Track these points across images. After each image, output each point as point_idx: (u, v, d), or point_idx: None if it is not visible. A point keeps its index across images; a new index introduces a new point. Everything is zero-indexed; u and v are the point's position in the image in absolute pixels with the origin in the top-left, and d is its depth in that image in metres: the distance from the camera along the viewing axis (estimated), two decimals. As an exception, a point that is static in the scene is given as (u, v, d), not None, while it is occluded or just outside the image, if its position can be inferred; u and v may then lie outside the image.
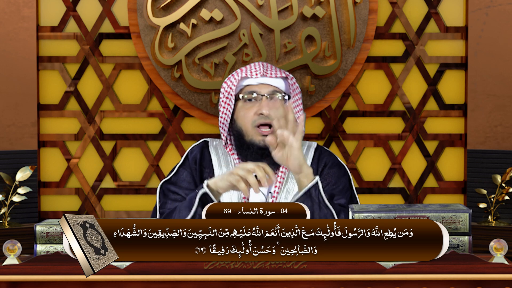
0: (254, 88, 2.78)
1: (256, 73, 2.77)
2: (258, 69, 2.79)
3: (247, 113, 2.76)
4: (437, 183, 3.92)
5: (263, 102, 2.74)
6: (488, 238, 2.26)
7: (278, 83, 2.79)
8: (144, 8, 3.78)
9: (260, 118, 2.74)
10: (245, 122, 2.76)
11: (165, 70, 3.81)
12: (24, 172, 3.65)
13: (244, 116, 2.76)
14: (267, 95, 2.76)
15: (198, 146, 2.89)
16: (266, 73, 2.78)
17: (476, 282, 2.07)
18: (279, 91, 2.78)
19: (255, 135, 2.74)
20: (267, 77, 2.78)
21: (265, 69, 2.79)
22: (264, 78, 2.78)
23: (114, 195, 3.92)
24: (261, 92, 2.76)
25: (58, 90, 3.89)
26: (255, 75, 2.77)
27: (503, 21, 3.85)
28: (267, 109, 2.73)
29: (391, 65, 3.90)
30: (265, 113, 2.72)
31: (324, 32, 3.81)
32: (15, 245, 2.12)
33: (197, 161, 2.84)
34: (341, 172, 2.84)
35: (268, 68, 2.80)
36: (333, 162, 2.86)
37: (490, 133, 3.86)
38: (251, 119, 2.75)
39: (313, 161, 2.85)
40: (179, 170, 2.85)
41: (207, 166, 2.84)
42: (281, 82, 2.80)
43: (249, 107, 2.76)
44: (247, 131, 2.75)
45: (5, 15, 3.82)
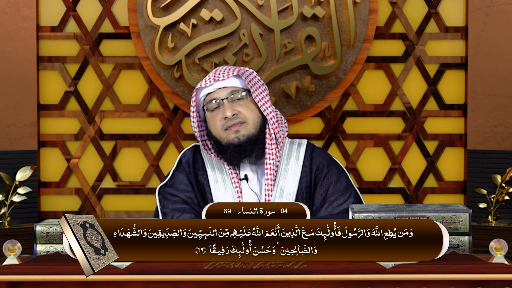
0: (213, 95, 2.82)
1: (209, 81, 2.81)
2: (211, 76, 2.83)
3: (215, 120, 2.80)
4: (437, 183, 3.92)
5: (225, 105, 2.78)
6: (488, 238, 2.26)
7: (233, 83, 2.82)
8: (144, 8, 3.78)
9: (227, 122, 2.77)
10: (216, 129, 2.80)
11: (165, 70, 3.81)
12: (24, 172, 3.65)
13: (214, 125, 2.81)
14: (227, 97, 2.79)
15: (190, 150, 2.91)
16: (217, 77, 2.81)
17: (476, 282, 2.07)
18: (236, 90, 2.80)
19: (228, 136, 2.78)
20: (219, 81, 2.81)
21: (217, 74, 2.83)
22: (217, 83, 2.81)
23: (114, 195, 3.92)
24: (220, 96, 2.80)
25: (58, 90, 3.89)
26: (209, 82, 2.81)
27: (503, 21, 3.85)
28: (229, 111, 2.76)
29: (391, 65, 3.90)
30: (229, 115, 2.76)
31: (324, 32, 3.81)
32: (15, 245, 2.12)
33: (190, 164, 2.86)
34: (339, 169, 2.85)
35: (220, 71, 2.83)
36: (329, 159, 2.86)
37: (490, 133, 3.86)
38: (219, 125, 2.79)
39: (306, 158, 2.85)
40: (175, 174, 2.87)
41: (201, 168, 2.86)
42: (235, 80, 2.83)
43: (215, 114, 2.80)
44: (221, 136, 2.79)
45: (5, 15, 3.82)
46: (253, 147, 2.78)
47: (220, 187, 2.81)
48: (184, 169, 2.86)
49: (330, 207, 2.77)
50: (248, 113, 2.79)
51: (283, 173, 2.81)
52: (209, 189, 2.82)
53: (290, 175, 2.81)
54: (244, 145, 2.76)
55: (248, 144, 2.77)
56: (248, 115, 2.78)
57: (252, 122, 2.78)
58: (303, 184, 2.80)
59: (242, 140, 2.76)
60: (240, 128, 2.77)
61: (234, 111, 2.77)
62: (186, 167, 2.86)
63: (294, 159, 2.84)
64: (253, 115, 2.80)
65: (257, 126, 2.79)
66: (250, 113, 2.79)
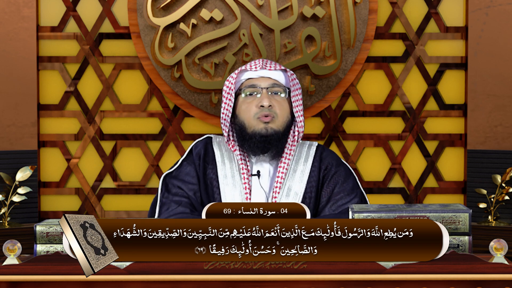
0: (254, 81, 2.81)
1: (255, 66, 2.82)
2: (258, 63, 2.83)
3: (249, 106, 2.79)
4: (437, 183, 3.92)
5: (263, 94, 2.78)
6: (488, 238, 2.26)
7: (278, 76, 2.83)
8: (144, 8, 3.78)
9: (262, 110, 2.77)
10: (247, 115, 2.79)
11: (165, 70, 3.81)
12: (24, 172, 3.65)
13: (246, 110, 2.79)
14: (267, 87, 2.79)
15: (202, 141, 2.90)
16: (265, 66, 2.82)
17: (476, 282, 2.07)
18: (278, 84, 2.81)
19: (257, 125, 2.78)
20: (266, 70, 2.82)
21: (264, 63, 2.83)
22: (263, 71, 2.81)
23: (114, 195, 3.92)
24: (261, 85, 2.80)
25: (58, 90, 3.89)
26: (255, 68, 2.81)
27: (503, 21, 3.85)
28: (267, 101, 2.76)
29: (391, 65, 3.90)
30: (266, 105, 2.76)
31: (324, 32, 3.81)
32: (15, 245, 2.12)
33: (201, 156, 2.86)
34: (348, 171, 2.85)
35: (268, 62, 2.84)
36: (338, 161, 2.87)
37: (490, 133, 3.86)
38: (253, 112, 2.78)
39: (315, 159, 2.86)
40: (183, 164, 2.86)
41: (211, 162, 2.85)
42: (280, 74, 2.83)
43: (250, 101, 2.79)
44: (250, 123, 2.78)
45: (5, 15, 3.82)
46: (277, 143, 2.79)
47: (229, 182, 2.81)
48: (194, 161, 2.86)
49: (334, 206, 2.78)
50: (281, 110, 2.80)
51: (291, 173, 2.82)
52: (217, 184, 2.81)
53: (298, 175, 2.82)
54: (269, 138, 2.77)
55: (273, 139, 2.78)
56: (280, 112, 2.79)
57: (282, 119, 2.80)
58: (312, 183, 2.81)
59: (269, 132, 2.77)
60: (270, 121, 2.78)
61: (270, 102, 2.77)
62: (196, 160, 2.86)
63: (304, 161, 2.85)
64: (285, 113, 2.81)
65: (285, 125, 2.81)
66: (283, 111, 2.81)
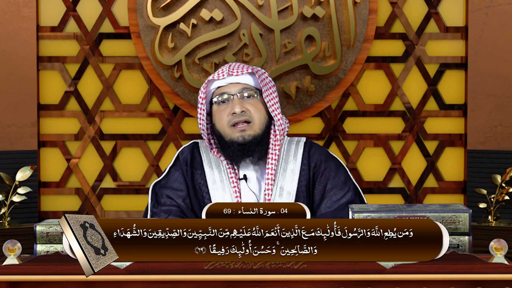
0: (224, 89, 2.81)
1: (222, 74, 2.80)
2: (225, 70, 2.82)
3: (222, 115, 2.79)
4: (437, 183, 3.92)
5: (235, 101, 2.78)
6: (488, 238, 2.26)
7: (246, 80, 2.82)
8: (144, 8, 3.78)
9: (234, 117, 2.76)
10: (222, 123, 2.79)
11: (165, 70, 3.81)
12: (24, 172, 3.65)
13: (220, 118, 2.79)
14: (238, 93, 2.78)
15: (188, 147, 2.90)
16: (231, 72, 2.81)
17: (476, 282, 2.07)
18: (249, 87, 2.80)
19: (233, 133, 2.77)
20: (233, 76, 2.81)
21: (231, 69, 2.82)
22: (231, 77, 2.81)
23: (114, 195, 3.92)
24: (231, 91, 2.80)
25: (58, 90, 3.89)
26: (222, 76, 2.80)
27: (503, 21, 3.85)
28: (239, 107, 2.76)
29: (391, 65, 3.90)
30: (238, 111, 2.75)
31: (324, 32, 3.81)
32: (15, 245, 2.12)
33: (188, 162, 2.86)
34: (338, 164, 2.85)
35: (235, 67, 2.83)
36: (327, 155, 2.86)
37: (490, 133, 3.86)
38: (226, 120, 2.78)
39: (304, 156, 2.85)
40: (171, 171, 2.86)
41: (198, 167, 2.85)
42: (248, 78, 2.82)
43: (223, 109, 2.79)
44: (225, 132, 2.78)
45: (5, 15, 3.82)
46: (257, 147, 2.78)
47: (218, 187, 2.81)
48: (181, 167, 2.86)
49: (329, 202, 2.77)
50: (256, 113, 2.79)
51: (282, 172, 2.81)
52: (207, 189, 2.81)
53: (289, 174, 2.81)
54: (248, 145, 2.76)
55: (253, 144, 2.77)
56: (255, 115, 2.78)
57: (258, 122, 2.79)
58: (303, 182, 2.81)
59: (247, 139, 2.76)
60: (246, 128, 2.77)
61: (243, 108, 2.76)
62: (183, 165, 2.86)
63: (293, 158, 2.84)
64: (260, 115, 2.80)
65: (263, 127, 2.80)
66: (258, 113, 2.79)
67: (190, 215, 2.77)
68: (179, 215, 2.75)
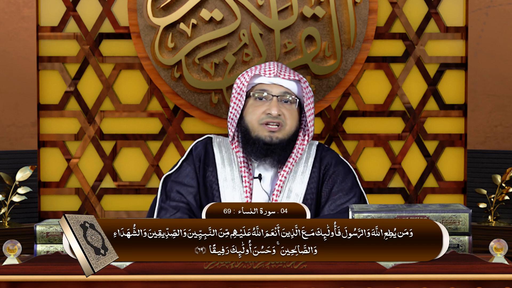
0: (265, 87, 2.78)
1: (269, 72, 2.77)
2: (272, 69, 2.78)
3: (256, 110, 2.76)
4: (437, 183, 3.92)
5: (273, 102, 2.75)
6: (488, 238, 2.26)
7: (290, 85, 2.79)
8: (144, 8, 3.78)
9: (268, 117, 2.74)
10: (253, 119, 2.76)
11: (165, 70, 3.81)
12: (24, 172, 3.65)
13: (252, 113, 2.76)
14: (278, 95, 2.76)
15: (202, 142, 2.88)
16: (279, 73, 2.77)
17: (476, 282, 2.07)
18: (290, 93, 2.78)
19: (261, 131, 2.75)
20: (280, 78, 2.77)
21: (279, 70, 2.78)
22: (276, 79, 2.77)
23: (114, 195, 3.92)
24: (272, 92, 2.76)
25: (58, 90, 3.89)
26: (269, 74, 2.77)
27: (503, 21, 3.85)
28: (276, 110, 2.73)
29: (391, 65, 3.90)
30: (274, 113, 2.73)
31: (324, 32, 3.81)
32: (15, 245, 2.12)
33: (201, 158, 2.84)
34: (347, 170, 2.84)
35: (282, 69, 2.79)
36: (337, 160, 2.86)
37: (490, 133, 3.86)
38: (258, 116, 2.75)
39: (316, 159, 2.85)
40: (183, 165, 2.85)
41: (211, 164, 2.84)
42: (293, 84, 2.79)
43: (258, 105, 2.76)
44: (254, 127, 2.76)
45: (5, 15, 3.82)
46: (281, 151, 2.76)
47: (229, 185, 2.80)
48: (194, 162, 2.84)
49: (333, 205, 2.77)
50: (290, 119, 2.76)
51: (292, 174, 2.81)
52: (217, 187, 2.80)
53: (298, 177, 2.81)
54: (273, 146, 2.74)
55: (277, 148, 2.75)
56: (289, 121, 2.76)
57: (289, 128, 2.77)
58: (313, 184, 2.80)
59: (274, 141, 2.75)
60: (277, 130, 2.75)
61: (280, 111, 2.75)
62: (196, 161, 2.84)
63: (304, 161, 2.84)
64: (294, 122, 2.78)
65: (291, 134, 2.78)
66: (292, 120, 2.77)
67: (198, 213, 2.76)
68: (187, 213, 2.75)
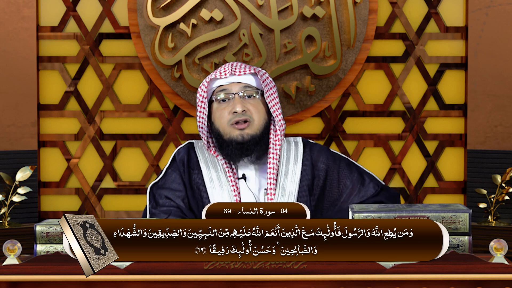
0: (224, 87, 2.82)
1: (224, 73, 2.81)
2: (227, 69, 2.82)
3: (222, 113, 2.79)
4: (437, 183, 3.92)
5: (236, 100, 2.78)
6: (488, 238, 2.26)
7: (248, 80, 2.83)
8: (144, 8, 3.78)
9: (235, 116, 2.77)
10: (222, 122, 2.79)
11: (165, 70, 3.81)
12: (24, 172, 3.65)
13: (220, 117, 2.80)
14: (239, 92, 2.79)
15: (184, 147, 2.91)
16: (234, 71, 2.81)
17: (476, 282, 2.07)
18: (250, 87, 2.81)
19: (232, 132, 2.78)
20: (235, 75, 2.81)
21: (233, 68, 2.82)
22: (233, 77, 2.81)
23: (114, 195, 3.92)
24: (232, 90, 2.80)
25: (58, 90, 3.89)
26: (224, 75, 2.81)
27: (503, 21, 3.85)
28: (240, 106, 2.76)
29: (391, 65, 3.90)
30: (239, 110, 2.76)
31: (324, 32, 3.81)
32: (15, 245, 2.12)
33: (184, 162, 2.86)
34: (346, 161, 2.88)
35: (237, 67, 2.83)
36: (334, 157, 2.88)
37: (490, 133, 3.86)
38: (226, 118, 2.79)
39: (305, 157, 2.86)
40: (168, 172, 2.86)
41: (195, 167, 2.86)
42: (251, 78, 2.83)
43: (223, 107, 2.80)
44: (225, 130, 2.79)
45: (5, 15, 3.82)
46: (255, 147, 2.78)
47: (216, 185, 2.81)
48: (178, 168, 2.86)
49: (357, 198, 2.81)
50: (256, 113, 2.80)
51: (283, 173, 2.82)
52: (205, 188, 2.82)
53: (290, 175, 2.82)
54: (247, 144, 2.77)
55: (251, 144, 2.77)
56: (255, 115, 2.79)
57: (258, 122, 2.79)
58: (304, 182, 2.81)
59: (246, 138, 2.77)
60: (246, 127, 2.77)
61: (244, 107, 2.77)
62: (180, 166, 2.86)
63: (293, 159, 2.85)
64: (260, 116, 2.81)
65: (262, 128, 2.80)
66: (258, 113, 2.80)
67: (190, 215, 2.77)
68: (179, 215, 2.75)
